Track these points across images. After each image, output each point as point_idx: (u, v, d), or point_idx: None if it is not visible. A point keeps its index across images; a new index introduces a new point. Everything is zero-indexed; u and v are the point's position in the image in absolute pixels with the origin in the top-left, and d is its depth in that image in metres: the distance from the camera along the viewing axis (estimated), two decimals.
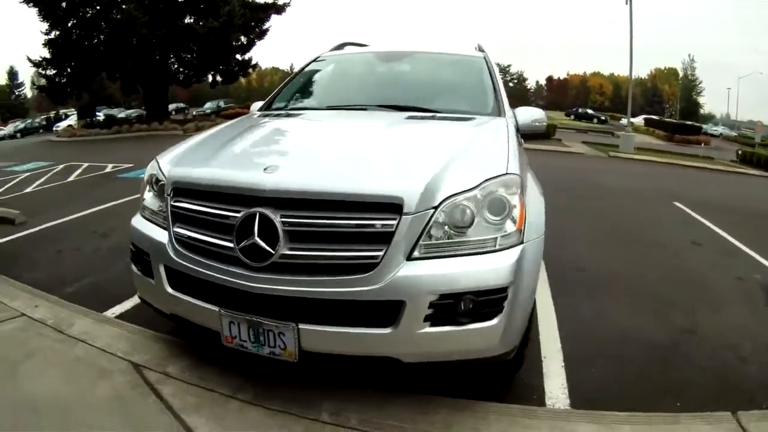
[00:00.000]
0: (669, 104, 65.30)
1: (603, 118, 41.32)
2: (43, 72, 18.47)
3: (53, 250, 4.03)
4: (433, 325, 1.53)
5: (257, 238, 1.53)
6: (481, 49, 3.32)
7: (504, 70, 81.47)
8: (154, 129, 18.60)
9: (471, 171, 1.67)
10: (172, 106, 29.92)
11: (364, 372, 1.98)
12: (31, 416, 1.74)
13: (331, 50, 3.65)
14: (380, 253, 1.50)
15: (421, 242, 1.54)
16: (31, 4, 16.74)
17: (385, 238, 1.51)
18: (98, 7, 17.67)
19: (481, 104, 2.68)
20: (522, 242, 1.65)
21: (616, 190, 8.04)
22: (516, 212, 1.65)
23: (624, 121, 20.05)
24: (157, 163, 1.99)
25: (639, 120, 36.42)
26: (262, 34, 21.83)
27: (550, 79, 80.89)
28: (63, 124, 27.48)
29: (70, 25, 17.61)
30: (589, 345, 2.56)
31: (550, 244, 4.07)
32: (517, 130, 2.67)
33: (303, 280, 1.52)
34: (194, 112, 32.43)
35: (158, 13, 17.55)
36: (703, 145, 19.82)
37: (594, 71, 77.81)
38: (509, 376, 2.15)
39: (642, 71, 69.60)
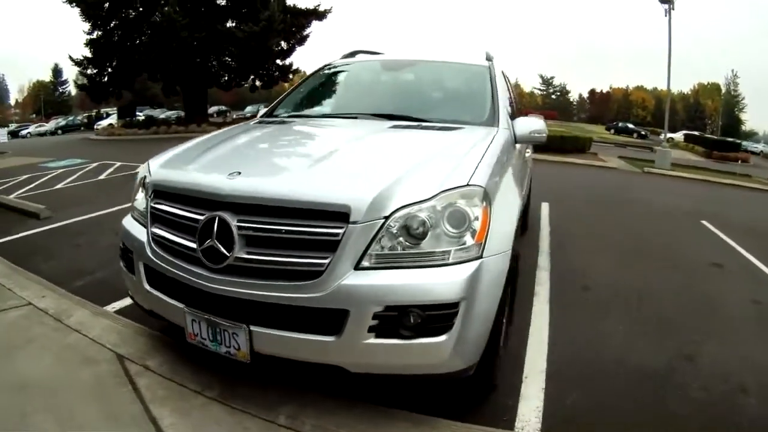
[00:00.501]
0: (711, 120, 64.21)
1: (643, 133, 41.25)
2: (84, 71, 19.69)
3: (71, 245, 4.37)
4: (378, 336, 1.58)
5: (215, 241, 1.66)
6: (489, 58, 3.38)
7: (547, 82, 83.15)
8: (192, 131, 19.45)
9: (429, 182, 1.70)
10: (213, 109, 31.09)
11: (316, 378, 2.03)
12: (19, 396, 1.96)
13: (342, 58, 3.81)
14: (326, 261, 1.57)
15: (370, 252, 1.59)
16: (74, 4, 17.91)
17: (331, 246, 1.58)
18: (141, 9, 18.73)
19: (475, 114, 2.74)
20: (481, 257, 1.66)
21: (642, 206, 7.88)
22: (477, 225, 1.67)
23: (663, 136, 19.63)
24: (148, 165, 2.19)
25: (679, 135, 36.32)
26: (303, 39, 22.60)
27: (592, 92, 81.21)
28: (104, 123, 29.07)
29: (112, 26, 18.74)
30: (576, 369, 2.53)
31: (558, 260, 4.14)
32: (516, 141, 2.73)
33: (255, 283, 1.63)
34: (234, 116, 33.58)
35: (198, 17, 18.47)
36: (740, 162, 19.21)
37: (637, 85, 78.29)
38: (481, 394, 2.16)
39: (685, 86, 70.44)
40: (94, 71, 19.55)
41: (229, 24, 20.45)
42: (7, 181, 8.24)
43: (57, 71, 60.44)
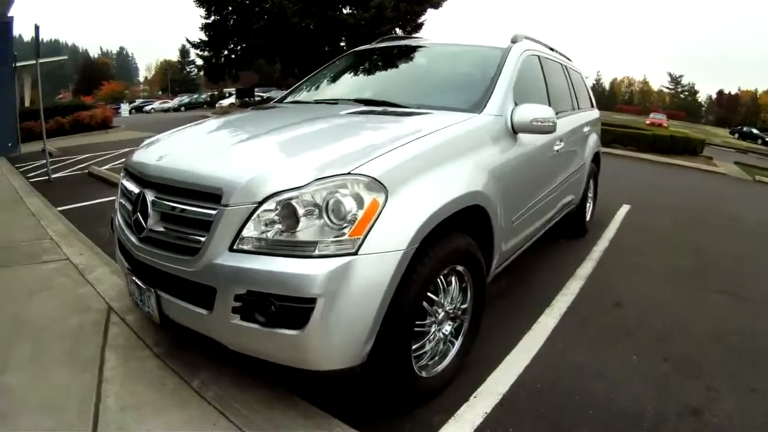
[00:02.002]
0: None
1: None
2: (201, 53, 22.28)
3: None
4: (242, 318, 1.72)
5: (137, 213, 2.03)
6: (514, 40, 3.28)
7: (675, 81, 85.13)
8: None
9: (309, 168, 1.75)
10: None
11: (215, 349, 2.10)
12: (17, 328, 2.60)
13: (373, 44, 4.01)
14: (203, 239, 1.77)
15: (243, 235, 1.72)
16: None
17: (206, 225, 1.77)
18: None
19: (461, 99, 2.73)
20: (355, 253, 1.67)
21: (732, 218, 6.92)
22: (356, 216, 1.69)
23: None
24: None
25: None
26: (418, 27, 23.30)
27: (720, 93, 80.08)
28: (225, 102, 32.65)
29: (227, 11, 20.90)
30: (543, 401, 2.30)
31: (603, 270, 4.08)
32: (515, 131, 2.67)
33: (159, 253, 1.93)
34: None
35: (310, 3, 19.86)
36: None
37: (767, 89, 74.71)
38: (399, 404, 2.11)
39: None
40: (211, 53, 22.07)
41: (342, 10, 21.63)
42: (109, 153, 9.93)
43: (185, 51, 68.32)
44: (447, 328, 2.24)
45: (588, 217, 5.11)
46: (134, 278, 2.13)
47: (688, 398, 2.41)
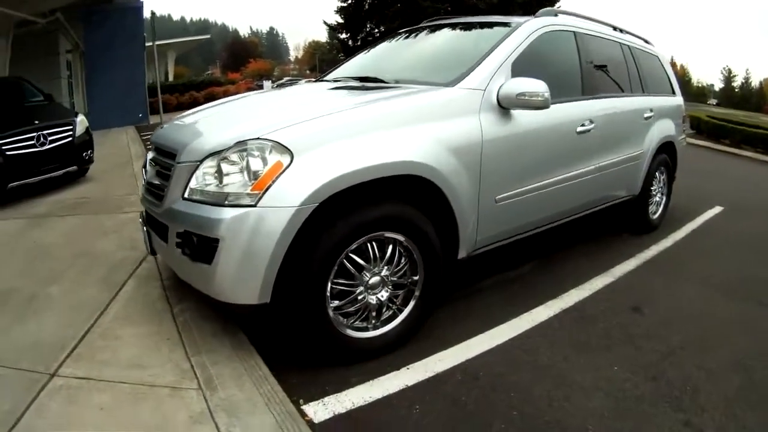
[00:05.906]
0: None
1: None
2: (338, 35, 24.12)
3: None
4: (183, 253, 2.28)
5: (142, 169, 2.82)
6: (540, 14, 3.50)
7: None
8: None
9: (234, 134, 2.24)
10: None
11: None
12: (81, 257, 3.61)
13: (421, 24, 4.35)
14: (166, 188, 2.40)
15: (189, 186, 2.27)
16: None
17: (167, 177, 2.41)
18: None
19: (442, 74, 2.95)
20: (254, 205, 2.07)
21: None
22: (258, 175, 2.10)
23: None
24: None
25: None
26: None
27: None
28: None
29: None
30: (472, 393, 2.32)
31: (644, 275, 4.04)
32: (500, 105, 2.81)
33: (149, 200, 2.63)
34: None
35: None
36: None
37: None
38: (321, 359, 2.43)
39: None
40: (347, 35, 23.78)
41: None
42: None
43: (332, 33, 74.24)
44: (384, 294, 2.49)
45: (657, 214, 4.89)
46: (140, 221, 2.91)
47: (650, 429, 2.14)
